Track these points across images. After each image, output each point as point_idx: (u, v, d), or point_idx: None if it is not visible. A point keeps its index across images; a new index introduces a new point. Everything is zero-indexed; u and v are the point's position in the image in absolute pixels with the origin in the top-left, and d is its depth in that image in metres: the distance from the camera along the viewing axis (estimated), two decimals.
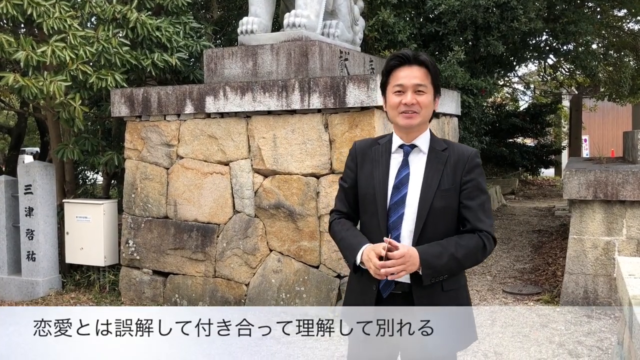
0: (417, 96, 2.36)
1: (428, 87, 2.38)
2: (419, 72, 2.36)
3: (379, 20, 8.65)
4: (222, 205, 6.10)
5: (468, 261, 2.37)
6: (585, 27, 10.20)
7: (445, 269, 2.32)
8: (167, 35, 6.86)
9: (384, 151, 2.48)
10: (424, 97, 2.37)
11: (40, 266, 6.71)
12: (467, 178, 2.38)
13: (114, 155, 6.91)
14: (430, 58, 2.41)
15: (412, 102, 2.35)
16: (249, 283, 6.00)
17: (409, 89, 2.35)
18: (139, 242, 6.46)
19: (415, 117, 2.38)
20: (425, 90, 2.37)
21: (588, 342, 5.03)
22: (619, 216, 5.84)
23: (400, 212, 2.38)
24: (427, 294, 2.37)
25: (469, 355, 4.76)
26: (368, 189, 2.45)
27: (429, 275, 2.30)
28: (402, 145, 2.45)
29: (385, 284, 2.40)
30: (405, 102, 2.35)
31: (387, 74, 2.44)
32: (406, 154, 2.45)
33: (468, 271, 7.40)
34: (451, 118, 8.02)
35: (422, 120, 2.40)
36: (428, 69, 2.37)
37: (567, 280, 6.03)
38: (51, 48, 6.00)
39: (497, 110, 15.92)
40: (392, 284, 2.39)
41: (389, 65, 2.42)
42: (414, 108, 2.36)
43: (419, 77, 2.35)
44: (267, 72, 6.14)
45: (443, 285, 2.39)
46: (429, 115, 2.44)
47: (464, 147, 2.48)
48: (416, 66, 2.36)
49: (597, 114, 22.20)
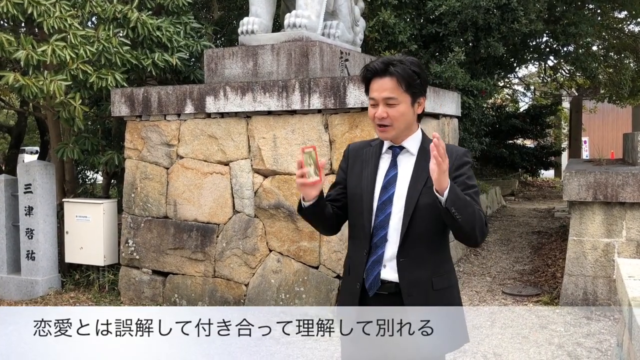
0: (388, 109, 2.35)
1: (400, 98, 2.35)
2: (389, 83, 2.34)
3: (380, 21, 8.65)
4: (221, 205, 6.10)
5: (478, 220, 2.27)
6: (585, 28, 10.21)
7: (464, 205, 2.22)
8: (168, 35, 6.86)
9: (375, 152, 2.50)
10: (394, 110, 2.35)
11: (40, 265, 6.71)
12: (457, 173, 2.38)
13: (114, 154, 6.91)
14: (402, 65, 2.35)
15: (383, 115, 2.35)
16: (248, 283, 6.00)
17: (380, 102, 2.36)
18: (139, 242, 6.46)
19: (389, 130, 2.38)
20: (395, 102, 2.35)
21: (587, 344, 5.03)
22: (619, 218, 5.84)
23: (387, 212, 2.39)
24: (417, 292, 2.36)
25: (469, 357, 4.76)
26: (356, 189, 2.47)
27: (451, 201, 2.18)
28: (392, 147, 2.47)
29: (371, 284, 2.40)
30: (377, 115, 2.37)
31: (366, 85, 2.44)
32: (395, 155, 2.47)
33: (467, 271, 7.44)
34: (451, 119, 8.02)
35: (396, 133, 2.40)
36: (398, 79, 2.34)
37: (566, 281, 6.03)
38: (51, 47, 6.00)
39: (497, 111, 15.92)
40: (378, 282, 2.39)
41: (364, 77, 2.42)
42: (384, 122, 2.37)
43: (389, 89, 2.34)
44: (268, 73, 6.15)
45: (433, 284, 2.39)
46: (406, 123, 2.40)
47: (454, 147, 2.49)
48: (387, 77, 2.34)
49: (597, 115, 22.19)
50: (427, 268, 2.39)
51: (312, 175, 2.30)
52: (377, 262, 2.40)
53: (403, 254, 2.37)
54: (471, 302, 6.21)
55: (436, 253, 2.42)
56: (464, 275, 7.30)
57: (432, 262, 2.40)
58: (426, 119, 6.97)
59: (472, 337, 5.13)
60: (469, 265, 7.82)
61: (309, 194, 2.36)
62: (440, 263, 2.44)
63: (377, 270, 2.40)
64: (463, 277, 7.24)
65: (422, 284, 2.37)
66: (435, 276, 2.40)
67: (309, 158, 2.30)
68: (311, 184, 2.31)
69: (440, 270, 2.43)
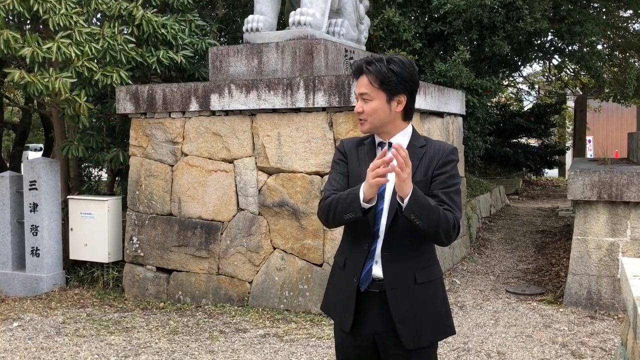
0: (363, 104, 2.47)
1: (373, 94, 2.44)
2: (364, 80, 2.46)
3: (384, 19, 8.65)
4: (226, 202, 6.11)
5: (443, 224, 2.32)
6: (590, 27, 10.18)
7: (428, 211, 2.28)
8: (173, 33, 6.87)
9: (369, 150, 2.57)
10: (368, 105, 2.46)
11: (44, 262, 6.73)
12: (440, 171, 2.45)
13: (118, 152, 6.92)
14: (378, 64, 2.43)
15: (358, 110, 2.48)
16: (252, 281, 6.01)
17: (358, 97, 2.50)
18: (143, 239, 6.47)
19: (364, 123, 2.48)
20: (369, 98, 2.45)
21: (591, 343, 5.03)
22: (623, 217, 5.83)
23: (380, 207, 2.45)
24: (401, 287, 2.42)
25: (472, 355, 4.76)
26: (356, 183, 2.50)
27: (410, 208, 2.26)
28: (381, 143, 2.54)
29: (364, 277, 2.45)
30: (355, 110, 2.51)
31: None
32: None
33: (470, 270, 7.44)
34: (456, 117, 8.02)
35: (370, 127, 2.48)
36: (372, 76, 2.44)
37: (570, 280, 6.03)
38: (57, 44, 6.02)
39: (501, 110, 15.91)
40: (370, 277, 2.45)
41: (353, 75, 2.58)
42: (361, 116, 2.49)
43: (364, 85, 2.45)
44: (272, 70, 6.15)
45: (416, 277, 2.44)
46: (381, 119, 2.46)
47: (443, 144, 2.54)
48: (363, 76, 2.47)
49: (601, 114, 22.15)
50: (411, 262, 2.44)
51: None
52: (371, 258, 2.46)
53: (387, 248, 2.44)
54: (475, 301, 6.21)
55: (420, 248, 2.47)
56: (468, 274, 7.30)
57: (416, 256, 2.46)
58: (431, 118, 6.97)
59: (475, 336, 5.15)
60: (473, 264, 7.82)
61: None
62: (424, 257, 2.49)
63: (370, 265, 2.46)
64: (467, 275, 7.24)
65: (404, 277, 2.43)
66: (418, 270, 2.45)
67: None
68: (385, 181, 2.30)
69: (423, 264, 2.48)
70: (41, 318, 5.82)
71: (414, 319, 2.43)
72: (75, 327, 5.51)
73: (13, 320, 5.76)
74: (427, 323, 2.46)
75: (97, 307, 6.16)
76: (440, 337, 2.54)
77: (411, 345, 2.43)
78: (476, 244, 8.87)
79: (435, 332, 2.50)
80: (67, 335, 5.32)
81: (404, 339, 2.41)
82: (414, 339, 2.43)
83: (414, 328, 2.43)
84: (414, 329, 2.43)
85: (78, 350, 4.93)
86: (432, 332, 2.48)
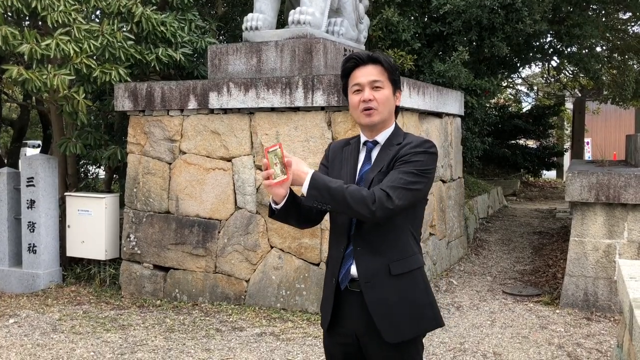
0: (374, 92, 2.43)
1: (385, 83, 2.45)
2: (374, 69, 2.44)
3: (383, 19, 8.65)
4: (223, 201, 6.11)
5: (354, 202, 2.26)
6: (589, 29, 10.19)
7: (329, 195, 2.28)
8: (172, 31, 6.86)
9: (353, 149, 2.56)
10: (381, 93, 2.43)
11: (41, 259, 6.72)
12: (399, 155, 2.40)
13: (116, 149, 6.91)
14: (384, 56, 2.48)
15: (370, 97, 2.42)
16: (249, 279, 6.01)
17: (366, 86, 2.44)
18: (140, 237, 6.47)
19: (374, 113, 2.43)
20: (381, 86, 2.44)
21: (587, 345, 5.03)
22: (621, 219, 5.84)
23: None
24: (374, 280, 2.38)
25: (469, 356, 4.76)
26: None
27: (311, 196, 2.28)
28: (366, 142, 2.53)
29: (343, 277, 2.44)
30: (364, 98, 2.43)
31: (345, 77, 2.53)
32: (369, 150, 2.52)
33: (467, 271, 7.45)
34: (454, 118, 8.02)
35: (381, 117, 2.45)
36: (383, 66, 2.45)
37: (567, 282, 6.03)
38: (55, 41, 6.01)
39: (500, 111, 15.90)
40: (349, 277, 2.42)
41: (346, 68, 2.51)
42: (371, 104, 2.43)
43: (375, 73, 2.43)
44: (271, 69, 6.15)
45: (391, 269, 2.39)
46: (389, 110, 2.48)
47: (417, 137, 2.50)
48: (370, 65, 2.45)
49: (599, 116, 22.18)
50: (383, 255, 2.40)
51: (278, 175, 2.28)
52: (350, 256, 2.43)
53: (358, 243, 2.40)
54: (471, 301, 6.22)
55: (392, 239, 2.42)
56: (465, 275, 7.31)
57: (388, 248, 2.40)
58: (429, 118, 6.97)
59: (472, 336, 5.15)
60: (470, 264, 7.83)
61: (278, 194, 2.35)
62: (398, 249, 2.42)
63: (349, 263, 2.43)
64: (464, 276, 7.25)
65: (378, 270, 2.39)
66: (392, 262, 2.40)
67: (275, 157, 2.28)
68: (278, 184, 2.30)
69: (397, 256, 2.41)
70: (37, 315, 5.81)
71: (392, 312, 2.37)
72: (71, 324, 5.51)
73: (9, 317, 5.75)
74: (407, 315, 2.39)
75: (93, 305, 6.16)
76: (423, 329, 2.47)
77: (391, 339, 2.37)
78: (473, 244, 8.87)
79: (417, 324, 2.43)
80: (63, 332, 5.32)
81: (383, 332, 2.36)
82: (393, 331, 2.37)
83: (393, 321, 2.37)
84: (393, 322, 2.37)
85: (74, 348, 4.93)
86: (413, 324, 2.41)
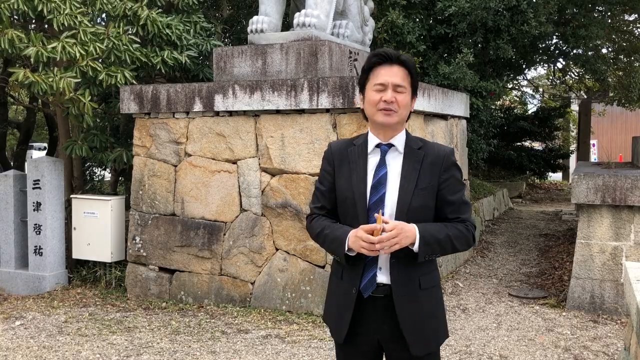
0: (396, 95, 2.39)
1: (407, 88, 2.41)
2: (399, 71, 2.39)
3: (388, 21, 8.64)
4: (229, 203, 6.11)
5: (458, 244, 2.43)
6: (595, 31, 10.16)
7: (439, 246, 2.37)
8: (177, 33, 6.88)
9: (361, 152, 2.49)
10: (402, 97, 2.39)
11: (47, 261, 6.74)
12: (445, 176, 2.42)
13: (122, 152, 6.93)
14: (411, 59, 2.44)
15: (392, 99, 2.37)
16: (254, 281, 6.01)
17: (389, 87, 2.38)
18: (146, 239, 6.48)
19: (393, 115, 2.39)
20: (404, 91, 2.40)
21: (594, 347, 5.01)
22: (627, 221, 5.81)
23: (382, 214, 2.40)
24: (407, 292, 2.39)
25: (474, 358, 4.75)
26: (347, 192, 2.45)
27: (424, 252, 2.34)
28: (379, 145, 2.47)
29: (366, 285, 2.41)
30: (385, 99, 2.37)
31: (367, 71, 2.45)
32: (383, 153, 2.46)
33: (473, 273, 7.42)
34: (460, 120, 8.01)
35: (399, 120, 2.43)
36: (409, 70, 2.41)
37: (573, 284, 6.01)
38: (61, 44, 6.03)
39: (505, 113, 15.89)
40: (374, 284, 2.40)
41: (371, 63, 2.44)
42: (392, 106, 2.38)
43: (400, 76, 2.38)
44: (277, 71, 6.15)
45: (421, 283, 2.42)
46: (406, 115, 2.46)
47: (440, 146, 2.50)
48: (397, 66, 2.39)
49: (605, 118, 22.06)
50: (416, 268, 2.41)
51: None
52: (373, 264, 2.41)
53: (395, 255, 2.38)
54: (477, 304, 6.20)
55: None
56: (470, 277, 7.29)
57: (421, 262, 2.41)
58: (434, 120, 6.96)
59: (478, 339, 5.14)
60: (476, 267, 7.81)
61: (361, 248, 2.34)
62: (427, 263, 2.45)
63: (373, 272, 2.41)
64: (470, 278, 7.23)
65: (410, 283, 2.40)
66: (422, 275, 2.43)
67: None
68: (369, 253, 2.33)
69: (427, 269, 2.45)
70: (43, 317, 5.82)
71: (420, 325, 2.40)
72: (77, 327, 5.52)
73: (15, 319, 5.76)
74: (431, 330, 2.43)
75: (99, 307, 6.17)
76: (441, 342, 2.52)
77: (418, 352, 2.39)
78: (479, 247, 8.85)
79: (438, 337, 2.49)
80: (69, 334, 5.33)
81: (411, 346, 2.38)
82: (421, 345, 2.40)
83: (420, 334, 2.40)
84: (420, 336, 2.40)
85: (80, 350, 4.94)
86: (435, 338, 2.47)
